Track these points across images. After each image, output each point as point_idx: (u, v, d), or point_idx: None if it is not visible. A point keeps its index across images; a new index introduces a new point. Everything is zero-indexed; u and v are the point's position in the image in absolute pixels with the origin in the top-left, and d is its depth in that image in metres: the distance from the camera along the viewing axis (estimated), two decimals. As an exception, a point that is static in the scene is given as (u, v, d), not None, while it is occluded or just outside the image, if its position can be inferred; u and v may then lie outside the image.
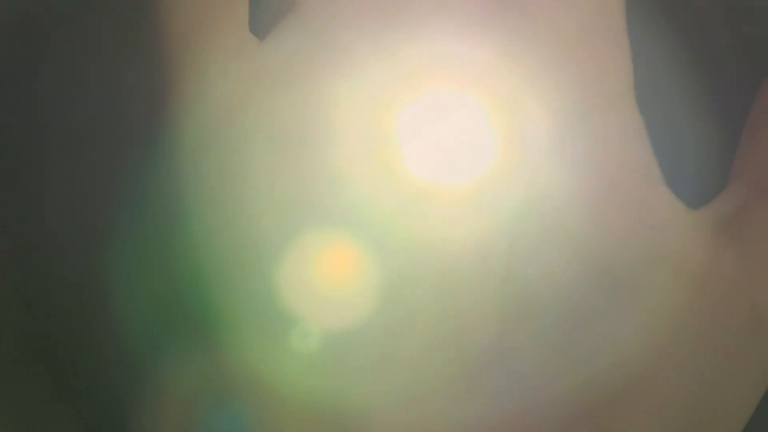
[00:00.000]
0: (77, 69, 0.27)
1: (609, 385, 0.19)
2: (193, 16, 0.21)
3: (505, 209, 0.21)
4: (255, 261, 0.20)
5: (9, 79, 0.27)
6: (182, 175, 0.21)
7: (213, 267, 0.21)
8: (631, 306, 0.19)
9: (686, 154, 0.23)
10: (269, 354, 0.20)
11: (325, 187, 0.21)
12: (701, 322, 0.19)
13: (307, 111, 0.21)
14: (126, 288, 0.24)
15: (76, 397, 0.26)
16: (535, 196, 0.21)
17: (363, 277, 0.21)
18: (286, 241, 0.20)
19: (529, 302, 0.20)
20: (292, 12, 0.22)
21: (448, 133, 0.21)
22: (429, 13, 0.21)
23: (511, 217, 0.21)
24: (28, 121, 0.27)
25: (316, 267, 0.20)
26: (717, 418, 0.19)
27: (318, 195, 0.21)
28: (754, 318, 0.19)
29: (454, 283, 0.20)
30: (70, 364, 0.26)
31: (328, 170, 0.21)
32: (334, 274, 0.20)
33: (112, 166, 0.27)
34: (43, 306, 0.27)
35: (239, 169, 0.21)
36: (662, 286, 0.19)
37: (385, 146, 0.21)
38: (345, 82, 0.21)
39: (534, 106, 0.21)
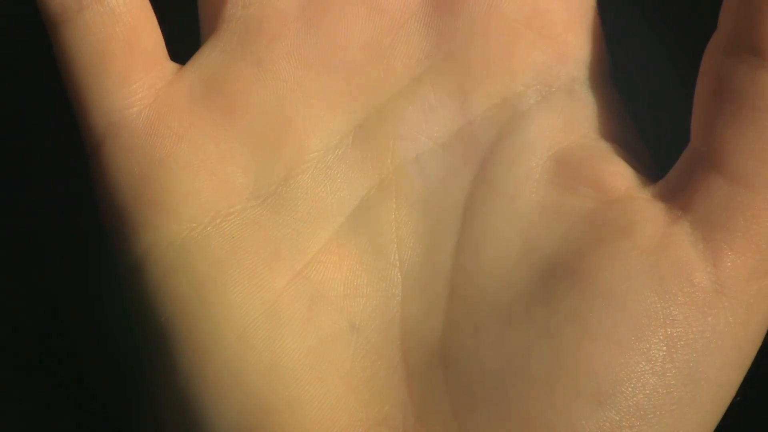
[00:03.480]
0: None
1: (549, 374, 0.18)
2: (108, 46, 0.21)
3: (452, 201, 0.21)
4: (185, 267, 0.20)
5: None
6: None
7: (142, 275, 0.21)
8: (581, 287, 0.19)
9: (645, 127, 0.22)
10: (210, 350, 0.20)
11: (253, 208, 0.21)
12: (652, 297, 0.18)
13: (228, 129, 0.21)
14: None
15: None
16: (485, 185, 0.20)
17: (307, 278, 0.21)
18: (221, 252, 0.20)
19: (476, 298, 0.20)
20: (216, 35, 0.22)
21: (391, 132, 0.21)
22: (357, 17, 0.21)
23: (458, 210, 0.20)
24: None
25: (253, 275, 0.20)
26: (677, 398, 0.18)
27: (247, 215, 0.21)
28: (711, 288, 0.18)
29: (401, 282, 0.20)
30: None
31: (253, 189, 0.21)
32: (275, 279, 0.20)
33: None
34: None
35: (158, 193, 0.21)
36: (613, 263, 0.19)
37: (319, 157, 0.21)
38: (268, 99, 0.21)
39: (483, 92, 0.21)
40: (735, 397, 0.20)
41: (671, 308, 0.18)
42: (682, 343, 0.18)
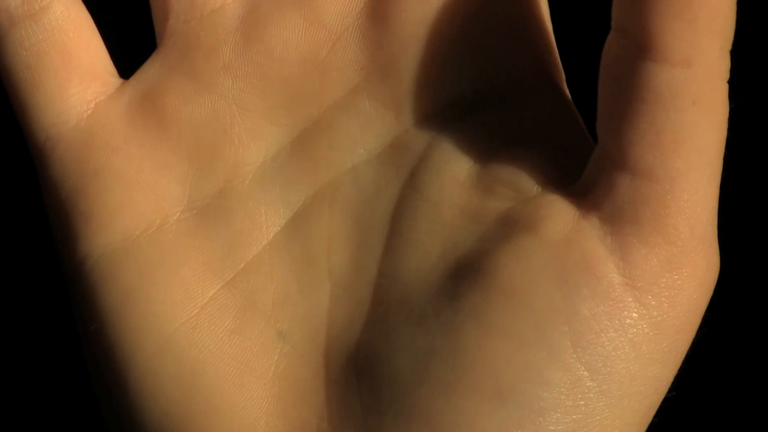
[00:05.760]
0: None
1: (450, 373, 0.18)
2: (41, 61, 0.21)
3: (383, 209, 0.21)
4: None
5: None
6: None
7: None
8: (484, 285, 0.19)
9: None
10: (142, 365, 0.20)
11: (187, 219, 0.21)
12: (554, 291, 0.18)
13: (163, 141, 0.21)
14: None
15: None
16: (413, 192, 0.20)
17: (236, 288, 0.21)
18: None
19: (394, 302, 0.20)
20: (158, 49, 0.22)
21: (327, 143, 0.21)
22: (294, 30, 0.21)
23: (388, 217, 0.21)
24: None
25: (181, 285, 0.21)
26: (583, 393, 0.18)
27: (181, 226, 0.21)
28: (619, 281, 0.18)
29: (330, 290, 0.21)
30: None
31: (188, 201, 0.21)
32: (204, 288, 0.21)
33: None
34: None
35: (90, 205, 0.21)
36: (517, 260, 0.19)
37: (255, 169, 0.21)
38: (204, 111, 0.21)
39: (416, 102, 0.21)
40: (670, 392, 0.19)
41: (575, 302, 0.18)
42: (589, 337, 0.18)
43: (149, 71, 0.22)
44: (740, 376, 0.26)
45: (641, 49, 0.17)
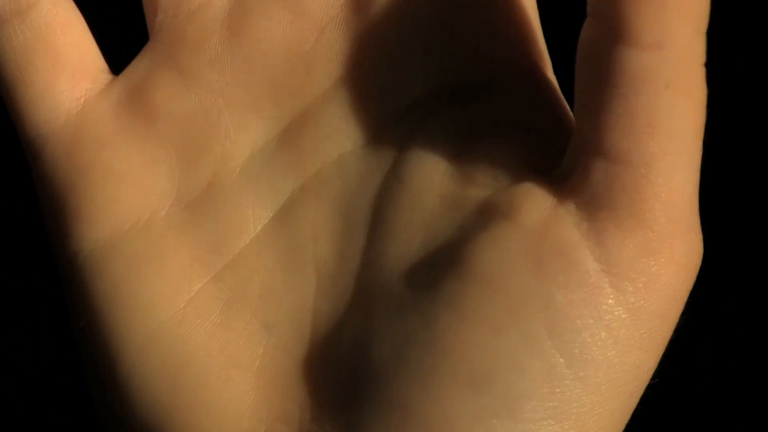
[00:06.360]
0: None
1: (426, 362, 0.18)
2: (29, 59, 0.21)
3: (367, 199, 0.21)
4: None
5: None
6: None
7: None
8: (459, 273, 0.19)
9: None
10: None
11: (175, 213, 0.21)
12: (528, 278, 0.18)
13: (151, 136, 0.21)
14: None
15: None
16: (395, 182, 0.20)
17: (223, 281, 0.21)
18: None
19: (376, 292, 0.20)
20: (148, 44, 0.22)
21: (314, 134, 0.21)
22: (280, 23, 0.21)
23: (371, 207, 0.21)
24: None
25: (169, 279, 0.21)
26: (560, 380, 0.18)
27: (169, 221, 0.21)
28: (594, 267, 0.18)
29: (315, 280, 0.21)
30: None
31: (177, 195, 0.21)
32: (191, 282, 0.21)
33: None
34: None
35: (79, 201, 0.21)
36: (493, 247, 0.19)
37: (243, 162, 0.21)
38: (191, 106, 0.21)
39: (400, 93, 0.21)
40: (653, 379, 0.19)
41: (550, 289, 0.18)
42: (564, 324, 0.18)
43: (138, 66, 0.22)
44: (726, 364, 0.26)
45: (614, 33, 0.17)
